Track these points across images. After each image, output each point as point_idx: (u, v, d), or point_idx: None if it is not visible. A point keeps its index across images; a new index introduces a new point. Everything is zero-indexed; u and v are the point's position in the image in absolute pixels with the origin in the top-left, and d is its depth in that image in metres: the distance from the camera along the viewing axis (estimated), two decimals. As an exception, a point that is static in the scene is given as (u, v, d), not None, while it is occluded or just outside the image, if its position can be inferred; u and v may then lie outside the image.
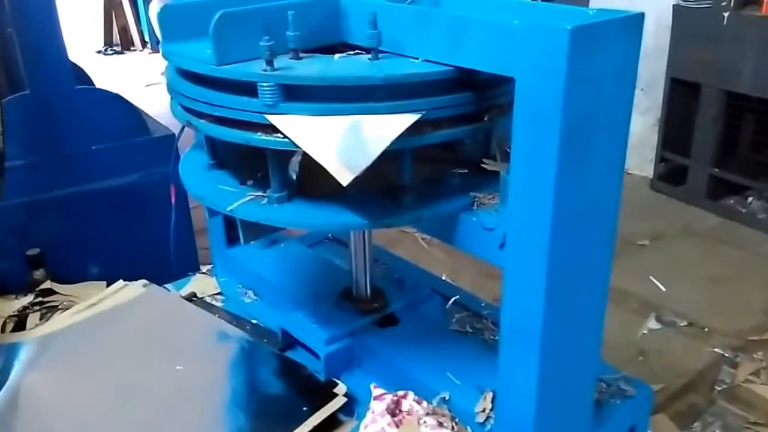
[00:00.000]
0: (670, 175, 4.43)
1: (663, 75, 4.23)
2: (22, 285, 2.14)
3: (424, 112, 1.10)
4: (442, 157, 1.33)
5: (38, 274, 2.18)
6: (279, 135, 1.10)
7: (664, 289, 3.35)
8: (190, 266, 1.95)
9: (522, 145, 1.00)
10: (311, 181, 1.22)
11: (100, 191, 2.62)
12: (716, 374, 2.77)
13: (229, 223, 1.80)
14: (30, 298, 2.01)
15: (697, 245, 3.84)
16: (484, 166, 1.24)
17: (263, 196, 1.23)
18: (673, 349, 2.95)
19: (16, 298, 2.06)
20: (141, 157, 2.66)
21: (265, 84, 1.08)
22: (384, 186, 1.22)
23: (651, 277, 3.42)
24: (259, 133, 1.13)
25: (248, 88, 1.11)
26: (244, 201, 1.23)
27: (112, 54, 9.05)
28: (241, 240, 1.58)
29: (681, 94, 4.20)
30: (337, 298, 1.60)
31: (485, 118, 1.18)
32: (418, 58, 1.14)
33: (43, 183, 2.50)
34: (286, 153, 1.20)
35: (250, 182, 1.29)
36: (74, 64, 2.71)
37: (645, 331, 3.06)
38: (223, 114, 1.16)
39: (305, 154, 1.07)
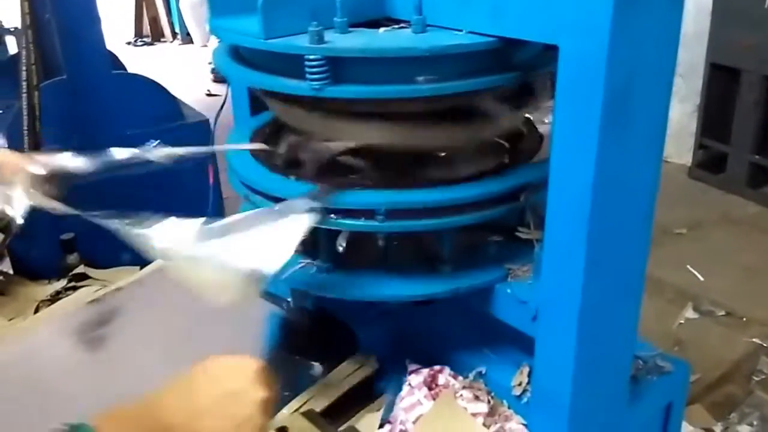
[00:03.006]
0: (709, 162, 4.33)
1: (702, 61, 4.13)
2: (56, 270, 2.16)
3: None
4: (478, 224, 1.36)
5: (72, 258, 2.18)
6: None
7: (701, 279, 3.29)
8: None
9: (564, 116, 1.00)
10: (355, 252, 1.27)
11: (134, 176, 2.63)
12: (754, 364, 2.71)
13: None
14: (63, 282, 2.04)
15: (735, 234, 3.77)
16: (519, 234, 1.27)
17: (312, 263, 1.31)
18: (710, 339, 2.89)
19: (49, 282, 2.08)
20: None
21: (312, 58, 1.08)
22: (423, 257, 1.29)
23: (688, 266, 3.36)
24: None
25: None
26: (296, 269, 1.31)
27: (142, 45, 9.01)
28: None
29: (721, 79, 4.11)
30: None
31: (521, 198, 1.24)
32: (462, 30, 1.12)
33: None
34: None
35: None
36: (110, 51, 2.74)
37: (681, 321, 3.00)
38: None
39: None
